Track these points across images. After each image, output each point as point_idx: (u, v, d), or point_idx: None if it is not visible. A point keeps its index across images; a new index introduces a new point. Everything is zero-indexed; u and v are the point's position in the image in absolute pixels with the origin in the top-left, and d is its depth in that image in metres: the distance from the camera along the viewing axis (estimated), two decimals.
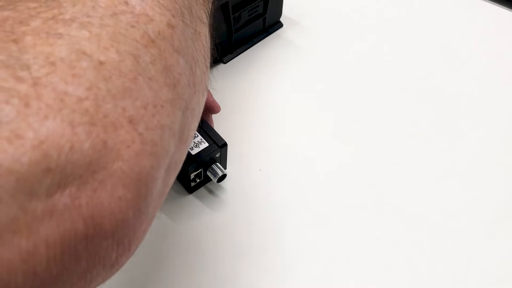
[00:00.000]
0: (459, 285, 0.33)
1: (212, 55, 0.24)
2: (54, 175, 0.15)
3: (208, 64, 0.23)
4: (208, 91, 0.34)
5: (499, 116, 0.43)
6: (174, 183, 0.38)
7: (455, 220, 0.36)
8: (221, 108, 0.38)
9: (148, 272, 0.33)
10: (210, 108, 0.37)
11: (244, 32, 0.47)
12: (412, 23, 0.52)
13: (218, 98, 0.44)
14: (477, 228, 0.36)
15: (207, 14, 0.24)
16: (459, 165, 0.40)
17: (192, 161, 0.34)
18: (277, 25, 0.51)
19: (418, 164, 0.40)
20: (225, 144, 0.35)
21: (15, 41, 0.16)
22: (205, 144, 0.35)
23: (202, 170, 0.36)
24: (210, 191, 0.37)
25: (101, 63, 0.17)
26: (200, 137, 0.35)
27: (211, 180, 0.36)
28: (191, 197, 0.37)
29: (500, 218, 0.36)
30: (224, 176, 0.36)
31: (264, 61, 0.48)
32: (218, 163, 0.36)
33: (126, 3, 0.18)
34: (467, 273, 0.33)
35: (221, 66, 0.47)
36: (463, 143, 0.41)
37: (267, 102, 0.44)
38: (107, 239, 0.17)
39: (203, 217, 0.36)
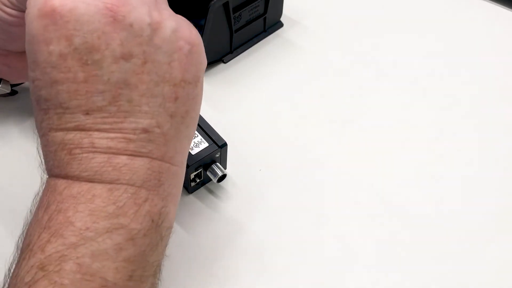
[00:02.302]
0: (459, 285, 0.33)
1: None
2: None
3: None
4: None
5: (500, 116, 0.43)
6: None
7: (455, 220, 0.36)
8: (221, 107, 0.38)
9: None
10: None
11: (244, 32, 0.47)
12: (412, 23, 0.52)
13: (218, 97, 0.44)
14: (477, 229, 0.36)
15: None
16: (459, 165, 0.40)
17: (192, 161, 0.34)
18: (277, 25, 0.51)
19: (419, 164, 0.40)
20: (225, 144, 0.35)
21: None
22: (205, 144, 0.35)
23: (202, 170, 0.36)
24: (210, 191, 0.37)
25: None
26: (200, 137, 0.35)
27: (211, 180, 0.36)
28: (191, 197, 0.37)
29: (500, 219, 0.36)
30: (224, 176, 0.36)
31: (264, 61, 0.48)
32: (218, 163, 0.36)
33: None
34: (468, 273, 0.33)
35: (221, 66, 0.47)
36: (464, 143, 0.41)
37: (267, 102, 0.44)
38: None
39: (203, 217, 0.36)
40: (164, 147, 0.25)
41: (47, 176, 0.25)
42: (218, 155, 0.36)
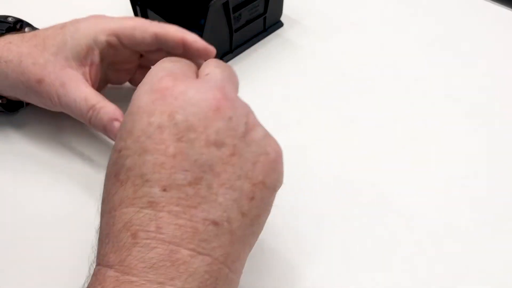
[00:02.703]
0: (459, 285, 0.33)
1: None
2: None
3: None
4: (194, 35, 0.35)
5: (500, 116, 0.43)
6: None
7: (455, 220, 0.36)
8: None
9: None
10: (202, 54, 0.35)
11: (244, 32, 0.47)
12: (413, 23, 0.52)
13: None
14: (477, 229, 0.36)
15: None
16: (459, 165, 0.40)
17: None
18: (277, 24, 0.51)
19: (419, 164, 0.40)
20: None
21: None
22: None
23: None
24: None
25: None
26: None
27: None
28: None
29: (501, 219, 0.36)
30: None
31: (264, 61, 0.48)
32: None
33: None
34: (467, 273, 0.34)
35: None
36: (464, 143, 0.41)
37: (266, 101, 0.44)
38: None
39: None
40: (229, 247, 0.24)
41: (97, 266, 0.24)
42: None
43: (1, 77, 0.36)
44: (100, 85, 0.39)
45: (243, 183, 0.24)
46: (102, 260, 0.23)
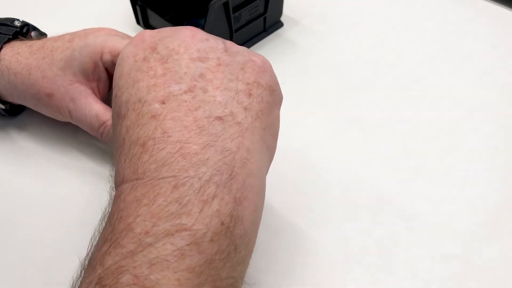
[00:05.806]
0: (459, 285, 0.33)
1: None
2: None
3: None
4: None
5: (500, 116, 0.43)
6: None
7: (455, 220, 0.36)
8: None
9: None
10: None
11: (244, 32, 0.47)
12: (412, 23, 0.52)
13: None
14: (477, 229, 0.36)
15: None
16: (458, 165, 0.40)
17: None
18: (278, 24, 0.51)
19: (419, 164, 0.40)
20: None
21: None
22: None
23: None
24: None
25: None
26: None
27: None
28: None
29: (499, 218, 0.36)
30: None
31: None
32: None
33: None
34: (467, 273, 0.34)
35: None
36: (463, 143, 0.41)
37: None
38: None
39: None
40: (239, 137, 0.24)
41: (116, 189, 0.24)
42: None
43: (10, 88, 0.36)
44: (109, 98, 0.39)
45: (236, 84, 0.25)
46: (117, 182, 0.24)
